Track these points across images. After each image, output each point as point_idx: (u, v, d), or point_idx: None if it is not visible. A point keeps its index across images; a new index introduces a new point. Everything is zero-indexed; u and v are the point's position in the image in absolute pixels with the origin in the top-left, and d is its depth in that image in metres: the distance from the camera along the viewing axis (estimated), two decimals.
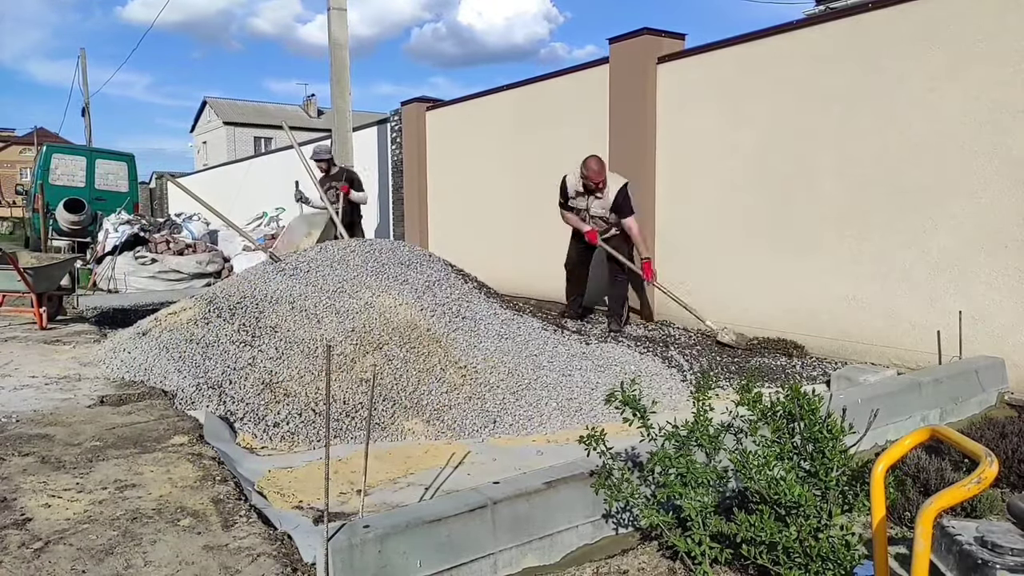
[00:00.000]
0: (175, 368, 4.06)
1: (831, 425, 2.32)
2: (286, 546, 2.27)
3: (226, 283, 5.18)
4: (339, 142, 9.97)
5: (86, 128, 28.86)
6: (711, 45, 6.20)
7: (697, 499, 2.33)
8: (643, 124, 6.59)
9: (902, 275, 4.93)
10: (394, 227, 10.90)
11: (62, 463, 2.91)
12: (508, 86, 8.70)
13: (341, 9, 9.78)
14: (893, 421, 3.70)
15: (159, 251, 9.29)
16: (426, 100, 10.24)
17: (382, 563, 2.13)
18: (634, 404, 2.49)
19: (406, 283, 4.81)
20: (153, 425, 3.42)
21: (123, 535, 2.32)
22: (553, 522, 2.49)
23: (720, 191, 6.12)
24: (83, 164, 14.55)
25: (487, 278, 6.01)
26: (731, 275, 6.05)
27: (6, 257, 5.67)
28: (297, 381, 3.85)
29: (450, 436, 3.65)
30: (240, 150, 38.73)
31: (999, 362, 4.40)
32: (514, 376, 4.15)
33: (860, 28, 5.12)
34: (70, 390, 3.97)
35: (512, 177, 8.59)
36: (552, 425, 3.85)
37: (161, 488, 2.69)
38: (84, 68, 28.79)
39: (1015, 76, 4.37)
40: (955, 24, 4.62)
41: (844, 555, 2.13)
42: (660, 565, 2.42)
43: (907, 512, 2.77)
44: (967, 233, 4.61)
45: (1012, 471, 3.12)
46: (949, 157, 4.68)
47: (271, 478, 3.02)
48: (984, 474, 1.51)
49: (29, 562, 2.15)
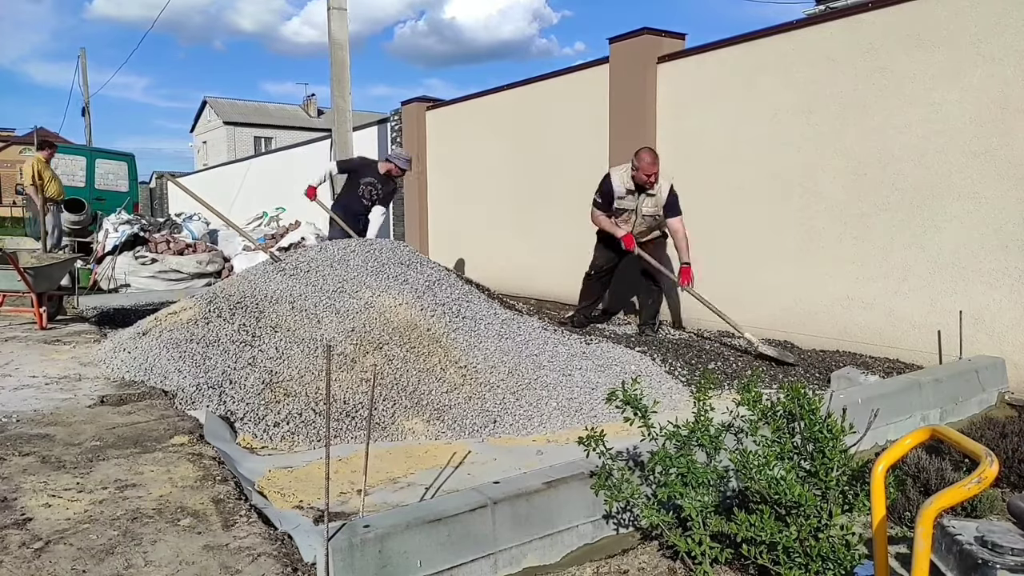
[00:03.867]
0: (175, 368, 4.06)
1: (831, 425, 2.32)
2: (286, 546, 2.27)
3: (226, 283, 5.18)
4: (339, 142, 9.97)
5: (86, 128, 28.87)
6: (711, 45, 6.21)
7: (697, 499, 2.33)
8: (643, 124, 6.59)
9: (902, 275, 4.93)
10: (394, 227, 10.90)
11: (62, 463, 2.91)
12: (508, 86, 8.70)
13: (341, 9, 9.78)
14: (893, 421, 3.70)
15: (159, 251, 9.28)
16: (426, 100, 10.25)
17: (382, 563, 2.13)
18: (635, 403, 2.49)
19: (406, 283, 4.81)
20: (153, 425, 3.42)
21: (123, 535, 2.32)
22: (553, 522, 2.49)
23: (720, 191, 6.12)
24: (83, 164, 14.54)
25: (487, 277, 6.01)
26: (731, 275, 6.05)
27: (6, 257, 5.67)
28: (297, 381, 3.85)
29: (450, 436, 3.65)
30: (240, 150, 38.74)
31: (999, 362, 4.40)
32: (514, 376, 4.15)
33: (860, 28, 5.12)
34: (70, 390, 3.97)
35: (512, 177, 8.59)
36: (552, 425, 3.85)
37: (161, 488, 2.69)
38: (84, 68, 28.81)
39: (1015, 76, 4.37)
40: (955, 24, 4.62)
41: (844, 555, 2.13)
42: (660, 565, 2.42)
43: (907, 512, 2.77)
44: (967, 233, 4.61)
45: (1012, 471, 3.13)
46: (949, 157, 4.68)
47: (271, 478, 3.02)
48: (984, 474, 1.51)
49: (29, 562, 2.15)
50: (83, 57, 28.98)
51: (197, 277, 9.01)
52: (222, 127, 43.27)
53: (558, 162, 7.87)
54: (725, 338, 5.77)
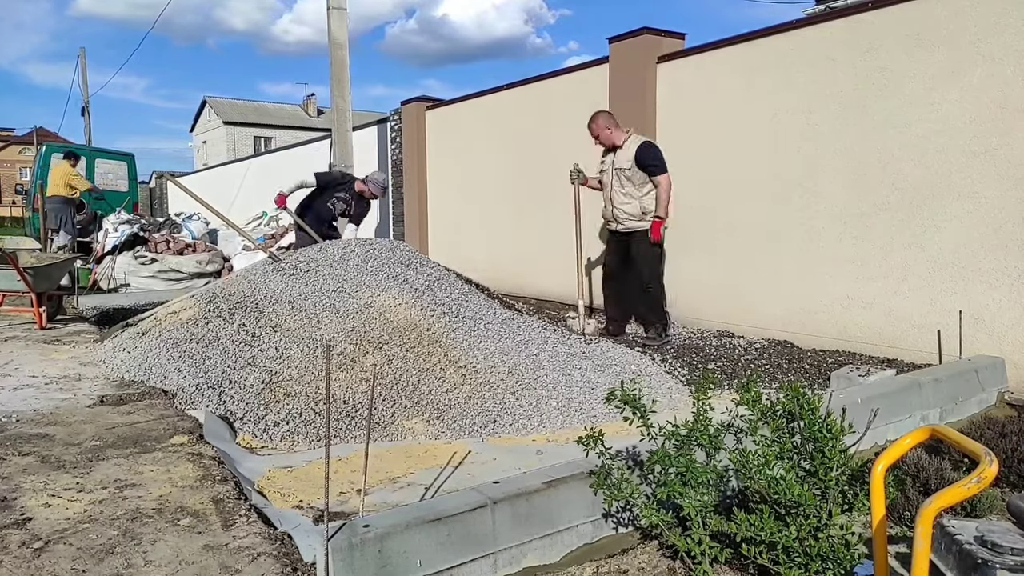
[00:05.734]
0: (175, 368, 4.06)
1: (831, 424, 2.32)
2: (286, 546, 2.27)
3: (226, 282, 5.18)
4: (339, 142, 9.96)
5: (86, 128, 28.84)
6: (711, 45, 6.20)
7: (697, 498, 2.33)
8: (643, 124, 6.57)
9: (902, 275, 4.93)
10: (394, 227, 10.90)
11: (62, 463, 2.91)
12: (508, 85, 8.70)
13: (341, 8, 9.77)
14: (893, 421, 3.70)
15: (159, 251, 9.27)
16: (426, 99, 10.24)
17: (382, 562, 2.13)
18: (634, 403, 2.49)
19: (406, 283, 4.81)
20: (153, 425, 3.42)
21: (123, 535, 2.32)
22: (553, 521, 2.49)
23: (720, 190, 6.12)
24: (83, 164, 14.53)
25: (487, 277, 6.00)
26: (731, 274, 6.05)
27: (6, 257, 5.67)
28: (297, 381, 3.85)
29: (450, 436, 3.65)
30: (240, 149, 38.74)
31: (999, 362, 4.40)
32: (514, 375, 4.15)
33: (860, 27, 5.12)
34: (70, 390, 3.97)
35: (512, 176, 8.59)
36: (552, 424, 3.85)
37: (161, 488, 2.69)
38: (84, 67, 28.77)
39: (1015, 75, 4.37)
40: (955, 23, 4.62)
41: (844, 554, 2.13)
42: (660, 564, 2.42)
43: (907, 511, 2.77)
44: (967, 233, 4.61)
45: (1012, 471, 3.13)
46: (949, 157, 4.68)
47: (271, 478, 3.02)
48: (984, 473, 1.51)
49: (29, 562, 2.15)
50: (83, 57, 28.95)
51: (197, 277, 9.01)
52: (222, 127, 43.26)
53: (558, 162, 7.86)
54: (725, 338, 5.77)
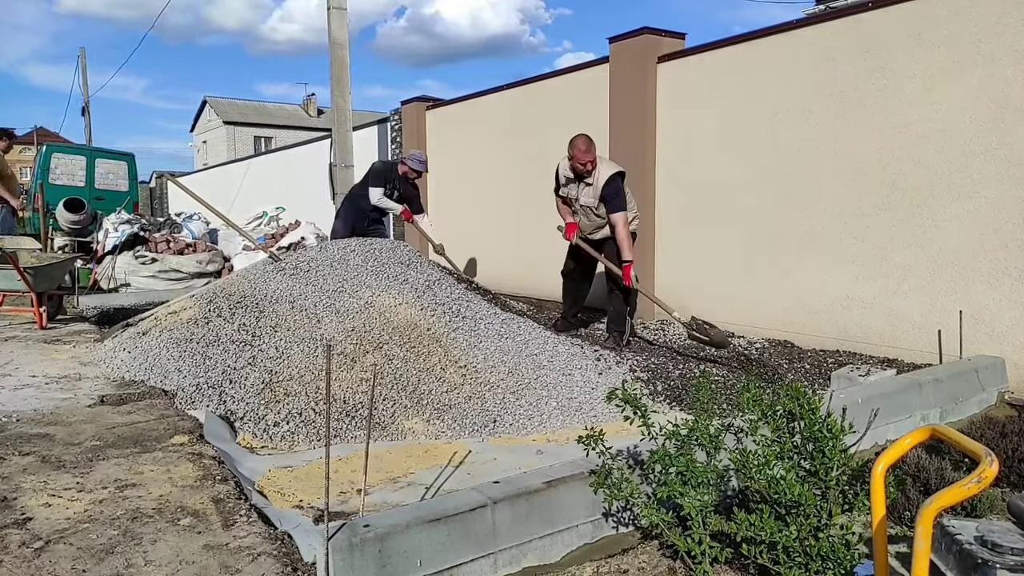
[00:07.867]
0: (175, 367, 4.06)
1: (831, 424, 2.32)
2: (286, 545, 2.27)
3: (226, 282, 5.18)
4: (339, 142, 9.96)
5: (86, 127, 28.85)
6: (711, 44, 6.21)
7: (697, 498, 2.33)
8: (643, 124, 6.59)
9: (902, 275, 4.93)
10: (394, 227, 10.90)
11: (62, 462, 2.91)
12: (508, 85, 8.70)
13: (341, 8, 9.76)
14: (893, 421, 3.70)
15: (159, 250, 9.27)
16: (426, 99, 10.25)
17: (382, 562, 2.13)
18: (635, 402, 2.49)
19: (406, 283, 4.81)
20: (153, 424, 3.42)
21: (123, 534, 2.32)
22: (553, 521, 2.49)
23: (720, 190, 6.12)
24: (83, 163, 14.52)
25: (488, 277, 6.01)
26: (731, 274, 6.05)
27: (6, 257, 5.67)
28: (297, 380, 3.85)
29: (450, 435, 3.65)
30: (240, 149, 38.74)
31: (999, 362, 4.40)
32: (514, 375, 4.15)
33: (860, 27, 5.12)
34: (70, 389, 3.97)
35: (512, 176, 8.59)
36: (552, 424, 3.85)
37: (161, 487, 2.69)
38: (84, 67, 28.77)
39: (1015, 75, 4.37)
40: (955, 23, 4.62)
41: (844, 554, 2.13)
42: (660, 564, 2.42)
43: (907, 511, 2.77)
44: (967, 233, 4.61)
45: (1012, 471, 3.13)
46: (949, 157, 4.68)
47: (271, 477, 3.02)
48: (984, 473, 1.51)
49: (29, 561, 2.15)
50: (83, 57, 28.95)
51: (197, 277, 9.01)
52: (222, 127, 43.25)
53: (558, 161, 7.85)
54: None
